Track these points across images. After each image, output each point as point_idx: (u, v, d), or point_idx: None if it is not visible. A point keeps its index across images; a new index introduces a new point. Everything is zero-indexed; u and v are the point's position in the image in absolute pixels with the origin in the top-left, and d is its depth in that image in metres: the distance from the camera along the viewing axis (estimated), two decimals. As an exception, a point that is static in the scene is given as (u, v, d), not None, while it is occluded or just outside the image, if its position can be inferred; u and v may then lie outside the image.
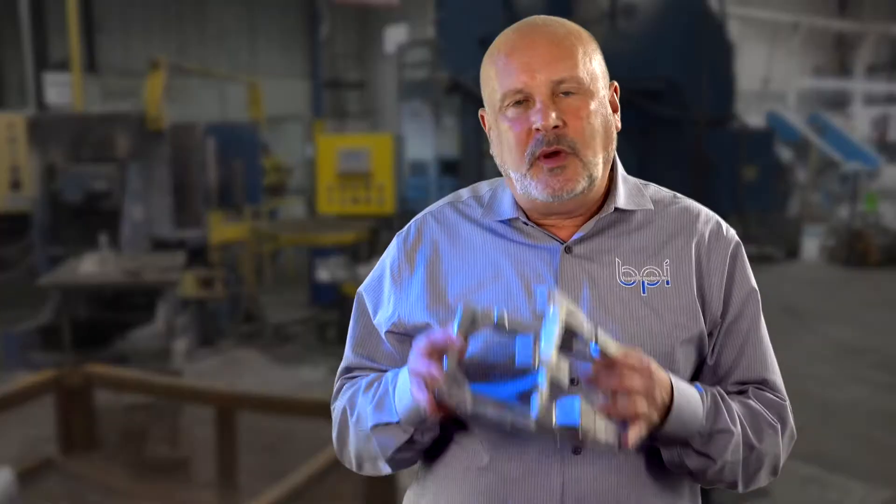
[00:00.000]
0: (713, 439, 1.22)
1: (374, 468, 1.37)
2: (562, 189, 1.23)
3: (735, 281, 1.32)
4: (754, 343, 1.34)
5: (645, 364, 1.14)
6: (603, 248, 1.30)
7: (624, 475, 1.24)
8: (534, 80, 1.23)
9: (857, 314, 8.80)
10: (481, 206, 1.36)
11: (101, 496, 4.42)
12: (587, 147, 1.24)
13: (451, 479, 1.31)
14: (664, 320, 1.26)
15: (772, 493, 4.23)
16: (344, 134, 16.35)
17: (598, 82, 1.27)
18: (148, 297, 7.10)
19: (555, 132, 1.22)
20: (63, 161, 8.44)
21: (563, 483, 1.23)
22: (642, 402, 1.12)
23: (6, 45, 15.49)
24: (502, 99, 1.25)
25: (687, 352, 1.27)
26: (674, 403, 1.17)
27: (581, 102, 1.24)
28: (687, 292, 1.28)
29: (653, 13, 7.75)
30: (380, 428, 1.29)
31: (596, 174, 1.26)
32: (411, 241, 1.38)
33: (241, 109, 13.49)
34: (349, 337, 1.43)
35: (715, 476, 1.25)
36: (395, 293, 1.36)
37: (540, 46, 1.24)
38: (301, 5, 19.08)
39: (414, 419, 1.24)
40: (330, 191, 9.42)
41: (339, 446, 1.40)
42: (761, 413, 1.29)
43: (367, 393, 1.33)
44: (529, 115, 1.23)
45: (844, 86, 22.01)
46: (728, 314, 1.32)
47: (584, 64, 1.25)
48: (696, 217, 1.35)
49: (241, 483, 4.40)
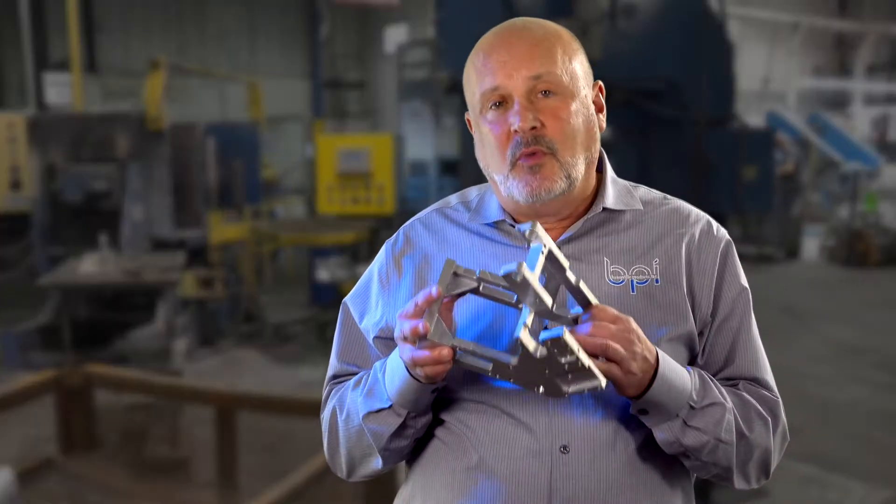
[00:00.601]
0: (705, 412, 1.21)
1: (367, 467, 1.36)
2: (539, 188, 1.23)
3: (725, 280, 1.32)
4: (745, 342, 1.33)
5: (624, 317, 1.15)
6: (591, 248, 1.30)
7: (613, 475, 1.24)
8: (510, 79, 1.23)
9: (857, 314, 8.80)
10: (469, 210, 1.37)
11: (101, 496, 4.42)
12: (566, 148, 1.24)
13: (439, 480, 1.31)
14: (652, 317, 1.26)
15: (772, 492, 4.23)
16: (344, 134, 16.34)
17: (578, 82, 1.27)
18: (148, 297, 7.10)
19: (532, 133, 1.22)
20: (63, 161, 8.44)
21: (550, 482, 1.22)
22: (619, 348, 1.12)
23: (6, 45, 15.49)
24: (481, 100, 1.26)
25: (676, 350, 1.27)
26: (659, 366, 1.17)
27: (560, 103, 1.24)
28: (676, 291, 1.28)
29: (653, 13, 7.73)
30: (372, 416, 1.28)
31: (575, 175, 1.26)
32: (399, 246, 1.39)
33: (241, 109, 13.49)
34: (335, 345, 1.44)
35: (710, 457, 1.24)
36: (383, 298, 1.37)
37: (517, 46, 1.25)
38: (301, 5, 19.08)
39: (406, 399, 1.24)
40: (330, 191, 9.42)
41: (331, 452, 1.40)
42: (751, 403, 1.29)
43: (357, 389, 1.33)
44: (508, 117, 1.23)
45: (844, 86, 22.00)
46: (718, 313, 1.32)
47: (563, 63, 1.25)
48: (686, 217, 1.35)
49: (241, 483, 4.40)
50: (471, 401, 1.28)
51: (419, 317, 1.14)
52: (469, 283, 1.15)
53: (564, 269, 1.15)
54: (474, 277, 1.15)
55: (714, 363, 1.32)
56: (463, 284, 1.15)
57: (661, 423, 1.21)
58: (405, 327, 1.14)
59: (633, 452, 1.25)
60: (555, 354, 1.08)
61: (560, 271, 1.15)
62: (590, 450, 1.23)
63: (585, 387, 1.11)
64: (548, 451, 1.23)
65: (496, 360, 1.12)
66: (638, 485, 1.25)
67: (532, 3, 7.41)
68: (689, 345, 1.30)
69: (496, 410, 1.26)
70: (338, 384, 1.42)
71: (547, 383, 1.11)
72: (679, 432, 1.21)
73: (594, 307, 1.15)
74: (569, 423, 1.23)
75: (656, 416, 1.21)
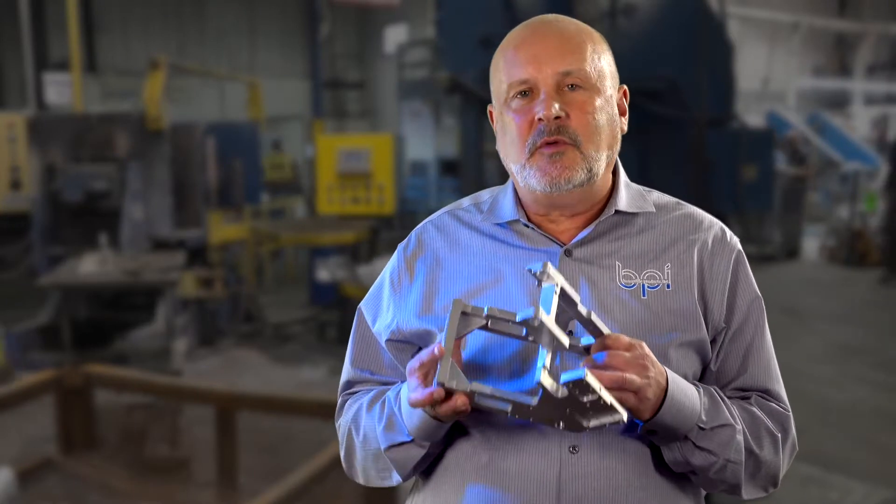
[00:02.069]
0: (714, 433, 1.21)
1: (384, 482, 1.37)
2: (559, 177, 1.23)
3: (739, 287, 1.32)
4: (758, 351, 1.33)
5: (636, 343, 1.15)
6: (603, 252, 1.29)
7: (622, 476, 1.23)
8: (540, 71, 1.23)
9: (857, 314, 8.80)
10: (481, 212, 1.36)
11: (101, 496, 4.42)
12: (589, 141, 1.24)
13: (449, 481, 1.31)
14: (663, 322, 1.25)
15: (772, 492, 4.23)
16: (344, 134, 16.35)
17: (605, 80, 1.27)
18: (148, 297, 7.11)
19: (557, 123, 1.22)
20: (63, 161, 8.43)
21: (559, 482, 1.22)
22: (635, 378, 1.12)
23: (6, 45, 15.49)
24: (508, 90, 1.26)
25: (685, 356, 1.26)
26: (669, 389, 1.17)
27: (586, 97, 1.24)
28: (688, 297, 1.28)
29: (653, 13, 7.74)
30: (394, 448, 1.28)
31: (597, 169, 1.25)
32: (411, 249, 1.38)
33: (241, 109, 13.48)
34: (349, 351, 1.44)
35: (718, 476, 1.24)
36: (394, 301, 1.37)
37: (549, 40, 1.25)
38: (301, 5, 19.06)
39: (426, 434, 1.24)
40: (330, 191, 9.41)
41: (348, 464, 1.41)
42: (762, 419, 1.28)
43: (372, 412, 1.32)
44: (533, 107, 1.23)
45: (844, 86, 21.99)
46: (733, 321, 1.31)
47: (592, 60, 1.25)
48: (700, 223, 1.34)
49: (241, 483, 4.40)
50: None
51: (424, 374, 1.14)
52: (478, 321, 1.14)
53: (576, 303, 1.14)
54: (483, 315, 1.14)
55: (727, 372, 1.32)
56: (472, 323, 1.15)
57: (670, 443, 1.21)
58: (415, 397, 1.14)
59: (643, 453, 1.25)
60: (576, 395, 1.08)
61: (572, 306, 1.14)
62: (599, 450, 1.23)
63: (606, 421, 1.11)
64: (557, 450, 1.23)
65: (515, 402, 1.11)
66: (647, 486, 1.25)
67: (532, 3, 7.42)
68: (701, 351, 1.29)
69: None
70: (350, 395, 1.42)
71: (567, 420, 1.11)
72: (688, 453, 1.21)
73: (607, 336, 1.15)
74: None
75: (665, 436, 1.20)
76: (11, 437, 5.06)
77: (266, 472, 4.39)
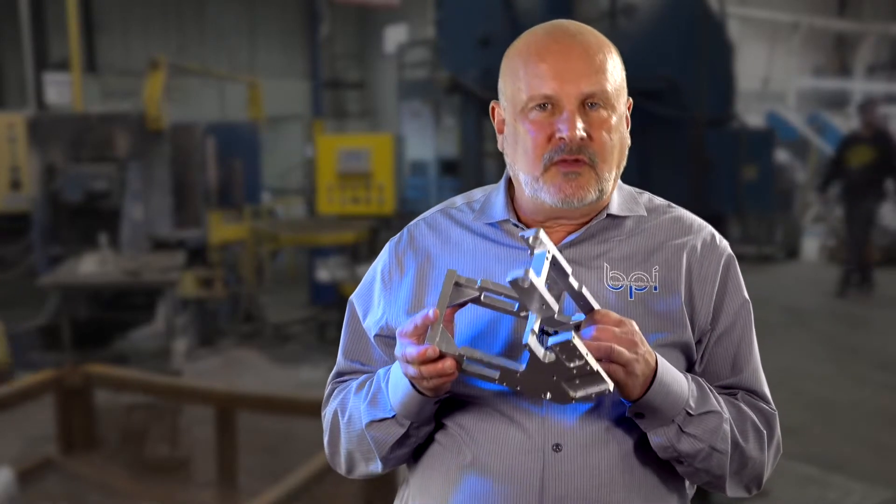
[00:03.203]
0: (702, 420, 1.22)
1: (366, 469, 1.37)
2: (573, 195, 1.24)
3: (728, 291, 1.33)
4: (745, 355, 1.34)
5: (626, 320, 1.16)
6: (592, 254, 1.30)
7: (605, 473, 1.24)
8: (564, 89, 1.23)
9: (857, 314, 8.80)
10: (473, 211, 1.37)
11: (101, 496, 4.43)
12: (604, 161, 1.25)
13: (435, 479, 1.32)
14: (649, 324, 1.26)
15: (772, 492, 4.23)
16: (344, 134, 16.35)
17: (621, 97, 1.28)
18: (148, 297, 7.11)
19: (580, 143, 1.22)
20: (63, 161, 8.43)
21: (542, 480, 1.23)
22: (624, 350, 1.13)
23: (6, 45, 15.50)
24: (528, 101, 1.25)
25: (670, 356, 1.27)
26: (658, 370, 1.18)
27: (606, 116, 1.25)
28: (674, 299, 1.29)
29: (653, 13, 7.74)
30: (375, 424, 1.29)
31: (606, 189, 1.27)
32: (403, 245, 1.39)
33: (241, 109, 13.48)
34: (341, 342, 1.45)
35: (703, 465, 1.24)
36: (384, 297, 1.37)
37: (574, 55, 1.24)
38: (301, 5, 19.06)
39: (409, 411, 1.24)
40: (330, 191, 9.41)
41: (331, 451, 1.42)
42: (749, 414, 1.29)
43: (360, 393, 1.34)
44: (555, 122, 1.23)
45: (844, 86, 21.98)
46: (719, 324, 1.32)
47: (612, 79, 1.26)
48: (689, 226, 1.35)
49: (241, 483, 4.40)
50: (466, 401, 1.28)
51: (417, 336, 1.14)
52: (471, 292, 1.16)
53: (567, 274, 1.15)
54: (476, 287, 1.15)
55: (714, 374, 1.33)
56: (465, 294, 1.16)
57: (657, 428, 1.22)
58: (410, 352, 1.14)
59: (627, 452, 1.26)
60: (563, 360, 1.08)
61: (563, 277, 1.15)
62: (582, 448, 1.23)
63: (593, 391, 1.11)
64: (540, 449, 1.23)
65: (503, 368, 1.12)
66: (631, 484, 1.26)
67: (532, 3, 7.42)
68: (686, 353, 1.30)
69: (490, 410, 1.27)
70: (340, 383, 1.43)
71: (554, 389, 1.11)
72: (674, 438, 1.22)
73: (597, 311, 1.16)
74: (562, 421, 1.24)
75: (652, 420, 1.21)
76: (11, 437, 5.06)
77: (266, 472, 4.40)
